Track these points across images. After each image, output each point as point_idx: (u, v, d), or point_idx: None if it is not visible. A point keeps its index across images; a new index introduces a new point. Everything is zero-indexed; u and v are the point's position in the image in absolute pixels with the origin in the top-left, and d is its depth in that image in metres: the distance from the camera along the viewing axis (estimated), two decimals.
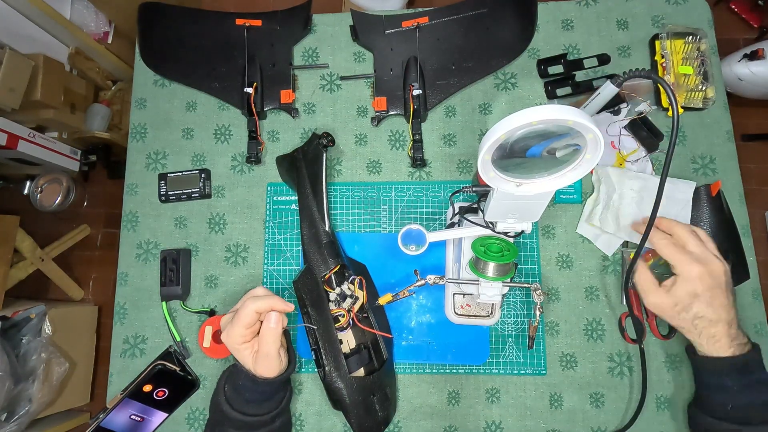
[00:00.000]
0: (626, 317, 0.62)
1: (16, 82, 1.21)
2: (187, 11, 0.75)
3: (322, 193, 0.62)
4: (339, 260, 0.60)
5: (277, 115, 0.72)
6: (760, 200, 1.46)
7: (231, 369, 0.54)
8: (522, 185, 0.44)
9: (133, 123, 0.73)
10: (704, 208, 0.63)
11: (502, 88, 0.71)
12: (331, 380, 0.56)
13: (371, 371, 0.57)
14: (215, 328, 0.62)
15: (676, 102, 0.42)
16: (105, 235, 1.62)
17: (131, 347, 0.66)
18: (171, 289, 0.65)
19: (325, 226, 0.61)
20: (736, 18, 1.59)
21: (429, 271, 0.63)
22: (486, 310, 0.61)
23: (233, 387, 0.53)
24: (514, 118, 0.36)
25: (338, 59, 0.73)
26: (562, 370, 0.62)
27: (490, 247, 0.51)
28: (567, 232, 0.65)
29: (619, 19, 0.71)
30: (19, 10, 1.21)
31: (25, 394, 1.15)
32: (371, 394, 0.57)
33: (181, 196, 0.69)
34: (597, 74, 0.69)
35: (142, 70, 0.74)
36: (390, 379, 0.60)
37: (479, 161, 0.40)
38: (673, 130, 0.43)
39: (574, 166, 0.41)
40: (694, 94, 0.66)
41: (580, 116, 0.35)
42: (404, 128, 0.70)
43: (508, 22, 0.70)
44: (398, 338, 0.63)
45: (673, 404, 0.60)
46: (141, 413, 0.61)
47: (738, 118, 0.78)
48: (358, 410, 0.56)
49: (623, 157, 0.65)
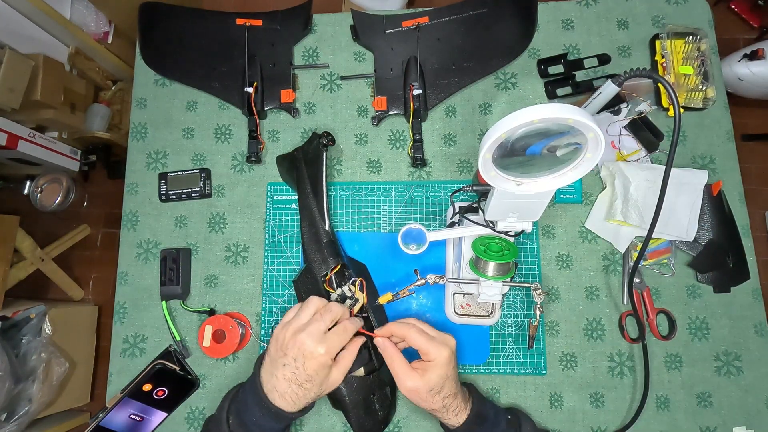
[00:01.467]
0: (626, 317, 0.62)
1: (16, 82, 1.21)
2: (187, 11, 0.75)
3: (322, 192, 0.62)
4: (339, 260, 0.60)
5: (277, 114, 0.72)
6: (760, 200, 1.46)
7: (237, 399, 0.51)
8: (522, 184, 0.44)
9: (134, 122, 0.73)
10: (705, 208, 0.63)
11: (503, 87, 0.71)
12: None
13: (371, 371, 0.57)
14: (215, 328, 0.62)
15: (676, 99, 0.42)
16: (105, 235, 1.62)
17: (131, 347, 0.66)
18: (171, 289, 0.65)
19: (325, 226, 0.61)
20: (736, 18, 1.59)
21: (429, 270, 0.63)
22: (486, 310, 0.61)
23: (241, 422, 0.49)
24: (516, 117, 0.36)
25: (338, 59, 0.73)
26: (562, 369, 0.62)
27: (491, 247, 0.51)
28: (567, 231, 0.65)
29: (620, 19, 0.71)
30: (19, 10, 1.21)
31: (25, 394, 1.15)
32: (371, 394, 0.56)
33: (182, 196, 0.69)
34: (597, 74, 0.69)
35: (143, 69, 0.74)
36: (390, 379, 0.60)
37: (480, 160, 0.40)
38: (675, 128, 0.43)
39: (575, 165, 0.41)
40: (694, 94, 0.66)
41: (581, 115, 0.35)
42: (404, 128, 0.70)
43: (509, 22, 0.70)
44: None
45: (673, 404, 0.60)
46: (141, 413, 0.61)
47: (738, 118, 0.78)
48: (357, 410, 0.56)
49: (623, 156, 0.65)
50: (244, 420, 0.48)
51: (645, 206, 0.61)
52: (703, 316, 0.62)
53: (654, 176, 0.61)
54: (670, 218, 0.62)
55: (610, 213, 0.63)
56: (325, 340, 0.47)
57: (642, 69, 0.49)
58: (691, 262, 0.63)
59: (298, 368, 0.46)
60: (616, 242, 0.63)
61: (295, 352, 0.47)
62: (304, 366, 0.46)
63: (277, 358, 0.48)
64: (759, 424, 0.59)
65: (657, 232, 0.50)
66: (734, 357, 0.61)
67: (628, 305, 0.62)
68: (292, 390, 0.46)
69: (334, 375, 0.48)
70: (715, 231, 0.63)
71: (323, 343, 0.46)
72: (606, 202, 0.64)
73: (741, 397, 0.60)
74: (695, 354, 0.61)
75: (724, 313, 0.62)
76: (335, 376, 0.49)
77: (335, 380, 0.49)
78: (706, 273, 0.63)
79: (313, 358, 0.46)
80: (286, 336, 0.48)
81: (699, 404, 0.60)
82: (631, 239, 0.63)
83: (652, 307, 0.62)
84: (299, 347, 0.46)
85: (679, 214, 0.62)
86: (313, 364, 0.46)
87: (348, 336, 0.49)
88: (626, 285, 0.63)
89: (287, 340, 0.47)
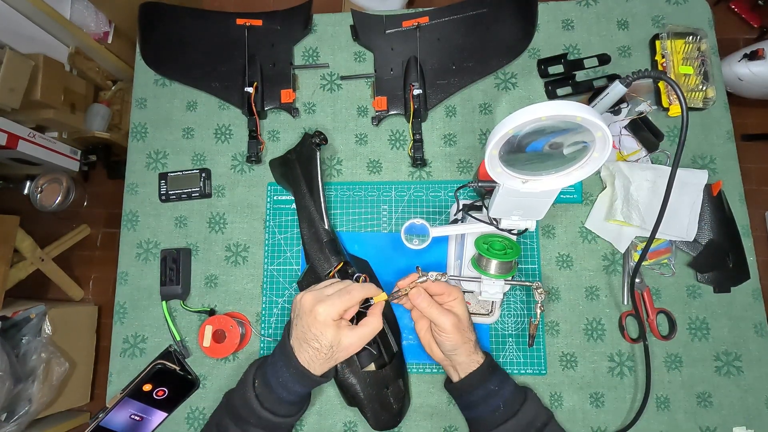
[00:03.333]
0: (627, 317, 0.62)
1: (16, 82, 1.20)
2: (187, 11, 0.75)
3: (319, 192, 0.62)
4: (341, 257, 0.60)
5: (277, 114, 0.72)
6: (760, 200, 1.46)
7: (264, 364, 0.53)
8: (528, 182, 0.44)
9: (134, 122, 0.73)
10: (705, 208, 0.64)
11: (503, 87, 0.71)
12: (344, 377, 0.56)
13: (382, 365, 0.57)
14: (215, 328, 0.62)
15: (685, 102, 0.42)
16: (105, 235, 1.62)
17: (131, 347, 0.66)
18: (171, 289, 0.65)
19: (325, 225, 0.61)
20: (736, 18, 1.58)
21: (430, 269, 0.63)
22: (486, 308, 0.61)
23: (267, 384, 0.50)
24: (524, 113, 0.36)
25: (338, 59, 0.73)
26: (562, 369, 0.62)
27: (493, 245, 0.51)
28: (567, 231, 0.65)
29: (620, 19, 0.71)
30: (19, 10, 1.21)
31: (25, 394, 1.15)
32: (385, 388, 0.57)
33: (182, 196, 0.69)
34: (597, 74, 0.69)
35: (143, 69, 0.74)
36: (402, 371, 0.60)
37: (486, 156, 0.40)
38: (682, 129, 0.43)
39: (581, 165, 0.41)
40: (694, 94, 0.66)
41: (590, 113, 0.35)
42: (404, 128, 0.70)
43: (509, 22, 0.70)
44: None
45: (673, 404, 0.60)
46: (141, 413, 0.61)
47: (738, 118, 0.78)
48: (373, 404, 0.56)
49: (624, 157, 0.65)
50: (270, 381, 0.50)
51: (645, 206, 0.61)
52: (703, 316, 0.62)
53: (654, 176, 0.61)
54: (671, 218, 0.62)
55: (610, 213, 0.63)
56: (325, 300, 0.48)
57: (650, 70, 0.49)
58: (691, 262, 0.63)
59: (304, 327, 0.48)
60: (617, 242, 0.63)
61: (298, 310, 0.49)
62: (308, 326, 0.48)
63: (293, 318, 0.51)
64: (759, 424, 0.59)
65: (658, 233, 0.50)
66: (734, 357, 0.61)
67: (629, 305, 0.62)
68: (304, 350, 0.48)
69: (347, 338, 0.48)
70: (715, 231, 0.63)
71: (323, 302, 0.48)
72: (606, 202, 0.64)
73: (741, 397, 0.60)
74: (695, 354, 0.61)
75: (724, 313, 0.62)
76: (349, 339, 0.48)
77: (349, 344, 0.49)
78: (706, 273, 0.63)
79: (313, 316, 0.48)
80: (298, 298, 0.50)
81: (699, 404, 0.60)
82: (631, 239, 0.63)
83: (652, 307, 0.62)
84: (302, 306, 0.49)
85: (679, 214, 0.62)
86: (315, 324, 0.48)
87: (353, 298, 0.49)
88: (627, 285, 0.63)
89: (298, 302, 0.50)
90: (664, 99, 0.66)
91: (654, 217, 0.50)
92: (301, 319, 0.49)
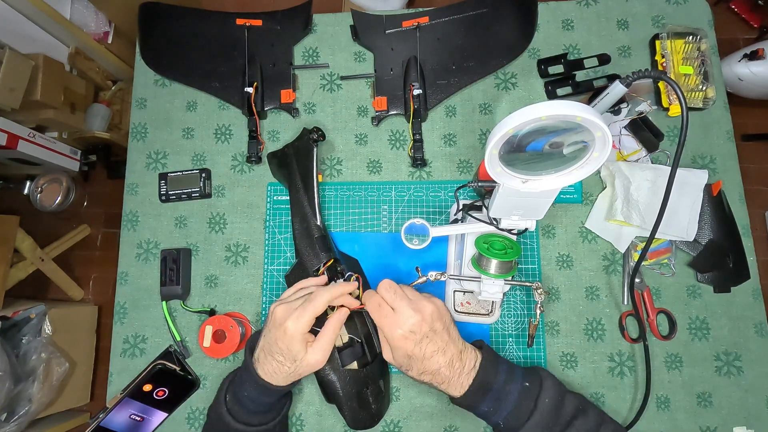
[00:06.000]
0: (627, 317, 0.62)
1: (16, 82, 1.21)
2: (187, 11, 0.75)
3: (313, 187, 0.62)
4: (331, 254, 0.60)
5: (277, 114, 0.72)
6: (760, 200, 1.46)
7: (232, 379, 0.53)
8: (528, 182, 0.44)
9: (134, 123, 0.73)
10: (705, 208, 0.63)
11: (503, 87, 0.71)
12: (324, 373, 0.55)
13: (364, 364, 0.57)
14: (215, 328, 0.62)
15: (685, 102, 0.42)
16: (105, 235, 1.62)
17: (131, 347, 0.66)
18: (171, 289, 0.65)
19: (317, 221, 0.61)
20: (736, 18, 1.58)
21: (430, 269, 0.63)
22: (486, 308, 0.61)
23: (236, 398, 0.51)
24: (524, 113, 0.36)
25: (338, 59, 0.73)
26: (562, 369, 0.62)
27: (494, 245, 0.51)
28: (567, 231, 0.65)
29: (620, 19, 0.71)
30: (19, 10, 1.21)
31: (25, 394, 1.15)
32: (365, 387, 0.56)
33: (182, 196, 0.69)
34: (597, 74, 0.69)
35: (143, 69, 0.74)
36: (383, 372, 0.60)
37: (487, 155, 0.40)
38: (682, 129, 0.43)
39: (581, 164, 0.41)
40: (694, 94, 0.66)
41: (590, 113, 0.35)
42: (404, 128, 0.70)
43: (509, 22, 0.70)
44: None
45: (673, 404, 0.60)
46: (141, 413, 0.61)
47: (738, 118, 0.78)
48: (351, 403, 0.56)
49: (624, 157, 0.65)
50: (239, 396, 0.50)
51: (645, 206, 0.61)
52: (704, 316, 0.62)
53: (654, 176, 0.61)
54: (671, 218, 0.62)
55: (610, 213, 0.63)
56: (292, 313, 0.47)
57: (650, 70, 0.49)
58: (691, 262, 0.63)
59: (271, 339, 0.48)
60: (617, 242, 0.63)
61: (270, 322, 0.49)
62: (275, 339, 0.47)
63: (264, 327, 0.50)
64: (759, 424, 0.59)
65: (658, 232, 0.50)
66: (734, 357, 0.61)
67: (629, 305, 0.62)
68: (268, 362, 0.48)
69: (312, 354, 0.47)
70: (715, 231, 0.63)
71: (290, 317, 0.46)
72: (606, 202, 0.64)
73: (741, 397, 0.60)
74: (695, 354, 0.61)
75: (724, 313, 0.62)
76: (313, 355, 0.47)
77: (313, 360, 0.47)
78: (706, 273, 0.63)
79: (282, 330, 0.47)
80: (272, 309, 0.49)
81: (699, 404, 0.60)
82: (631, 239, 0.63)
83: (652, 307, 0.62)
84: (273, 319, 0.48)
85: (679, 214, 0.62)
86: (282, 337, 0.47)
87: (316, 306, 0.46)
88: (627, 285, 0.63)
89: (271, 312, 0.49)
90: (664, 99, 0.66)
91: (654, 217, 0.49)
92: (270, 332, 0.48)
